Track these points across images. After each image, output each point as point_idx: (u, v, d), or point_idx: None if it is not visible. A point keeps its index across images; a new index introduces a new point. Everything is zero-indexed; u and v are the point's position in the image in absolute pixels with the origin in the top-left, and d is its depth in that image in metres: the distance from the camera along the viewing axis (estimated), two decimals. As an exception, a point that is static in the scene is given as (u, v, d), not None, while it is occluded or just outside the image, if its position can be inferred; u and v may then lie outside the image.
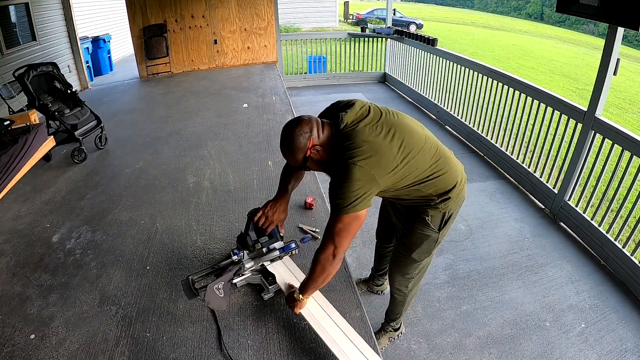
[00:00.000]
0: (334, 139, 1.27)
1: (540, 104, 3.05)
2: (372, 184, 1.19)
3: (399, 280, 1.66)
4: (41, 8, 4.90)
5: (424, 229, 1.44)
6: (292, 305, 1.42)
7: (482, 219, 2.85)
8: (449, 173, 1.36)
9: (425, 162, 1.30)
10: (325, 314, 1.44)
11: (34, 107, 2.99)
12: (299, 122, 1.26)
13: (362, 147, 1.19)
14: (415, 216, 1.45)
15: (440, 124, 4.68)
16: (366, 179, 1.18)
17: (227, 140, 3.30)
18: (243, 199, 2.39)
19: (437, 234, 1.45)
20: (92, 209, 2.38)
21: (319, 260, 1.27)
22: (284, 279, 1.57)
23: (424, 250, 1.50)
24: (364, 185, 1.18)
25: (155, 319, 1.56)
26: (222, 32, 5.75)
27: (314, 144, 1.25)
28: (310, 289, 1.36)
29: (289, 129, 1.27)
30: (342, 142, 1.23)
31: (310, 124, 1.26)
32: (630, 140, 2.26)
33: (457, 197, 1.40)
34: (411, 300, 1.77)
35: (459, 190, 1.40)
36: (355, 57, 6.38)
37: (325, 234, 1.26)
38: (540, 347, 1.90)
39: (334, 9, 15.88)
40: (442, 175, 1.34)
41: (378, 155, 1.19)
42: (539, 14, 27.35)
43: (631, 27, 2.08)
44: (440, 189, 1.36)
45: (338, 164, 1.21)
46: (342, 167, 1.19)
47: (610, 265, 2.40)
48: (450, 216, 1.43)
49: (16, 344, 1.47)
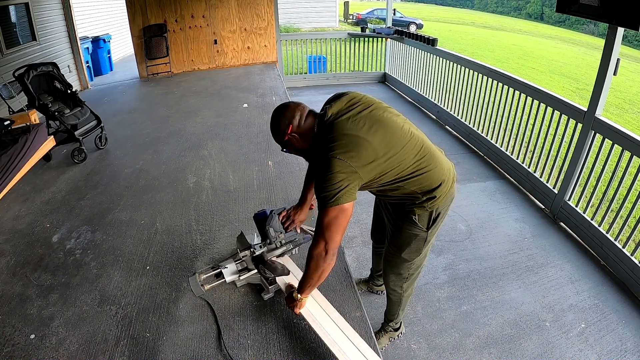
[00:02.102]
0: (318, 130, 1.32)
1: (540, 104, 3.05)
2: (354, 176, 1.22)
3: (393, 281, 1.66)
4: (41, 8, 4.90)
5: (412, 228, 1.44)
6: (292, 305, 1.42)
7: (482, 219, 2.85)
8: (434, 171, 1.36)
9: (409, 159, 1.31)
10: (325, 314, 1.44)
11: (34, 107, 2.99)
12: (283, 107, 1.36)
13: (342, 140, 1.23)
14: (402, 215, 1.45)
15: (440, 124, 4.68)
16: (347, 171, 1.21)
17: (227, 140, 3.30)
18: (243, 199, 2.39)
19: (425, 233, 1.45)
20: (92, 209, 2.38)
21: (312, 257, 1.28)
22: (284, 279, 1.57)
23: (413, 249, 1.50)
24: (346, 177, 1.21)
25: (155, 319, 1.56)
26: (222, 32, 5.75)
27: (292, 131, 1.33)
28: (308, 288, 1.36)
29: (275, 112, 1.38)
30: (324, 135, 1.28)
31: (293, 112, 1.34)
32: (630, 140, 2.26)
33: (444, 196, 1.39)
34: (407, 300, 1.76)
35: (446, 189, 1.39)
36: (355, 57, 6.38)
37: (315, 230, 1.29)
38: (540, 347, 1.90)
39: (334, 9, 15.88)
40: (426, 173, 1.34)
41: (358, 148, 1.22)
42: (539, 14, 27.34)
43: (631, 27, 2.08)
44: (424, 186, 1.36)
45: (320, 156, 1.26)
46: (323, 160, 1.23)
47: (610, 265, 2.40)
48: (439, 215, 1.42)
49: (16, 344, 1.47)
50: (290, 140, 1.36)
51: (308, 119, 1.35)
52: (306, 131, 1.34)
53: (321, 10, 15.63)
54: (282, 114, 1.35)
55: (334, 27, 15.81)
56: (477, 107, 3.92)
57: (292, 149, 1.40)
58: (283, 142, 1.38)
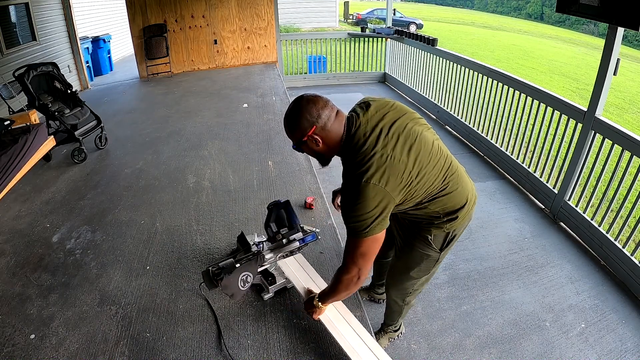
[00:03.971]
0: (346, 140, 1.17)
1: (540, 104, 3.05)
2: (387, 200, 1.11)
3: (395, 294, 1.62)
4: (41, 8, 4.90)
5: (425, 248, 1.37)
6: (311, 311, 1.38)
7: (482, 219, 2.85)
8: (459, 192, 1.27)
9: (438, 179, 1.21)
10: (342, 319, 1.41)
11: (34, 107, 2.99)
12: (309, 100, 1.15)
13: (376, 161, 1.09)
14: (417, 234, 1.37)
15: (440, 124, 4.68)
16: (381, 196, 1.09)
17: (227, 140, 3.30)
18: (243, 199, 2.39)
19: (438, 254, 1.39)
20: (92, 209, 2.38)
21: (341, 281, 1.22)
22: (303, 283, 1.54)
23: (422, 269, 1.44)
24: (379, 204, 1.10)
25: (155, 319, 1.56)
26: (222, 32, 5.75)
27: (315, 132, 1.15)
28: (331, 301, 1.34)
29: (298, 104, 1.16)
30: (354, 150, 1.13)
31: (321, 109, 1.14)
32: (630, 140, 2.26)
33: (463, 218, 1.32)
34: (408, 310, 1.74)
35: (467, 210, 1.31)
36: (355, 57, 6.38)
37: (346, 256, 1.20)
38: (540, 347, 1.90)
39: (334, 9, 15.87)
40: (451, 193, 1.26)
41: (394, 170, 1.10)
42: (539, 14, 27.34)
43: (631, 27, 2.08)
44: (448, 207, 1.27)
45: (350, 176, 1.12)
46: (354, 184, 1.10)
47: (610, 265, 2.40)
48: (454, 236, 1.36)
49: (16, 344, 1.47)
50: (308, 142, 1.17)
51: (336, 123, 1.16)
52: (331, 137, 1.16)
53: (321, 10, 15.62)
54: (306, 109, 1.14)
55: (334, 27, 15.81)
56: (477, 107, 3.92)
57: (308, 149, 1.22)
58: (299, 141, 1.18)
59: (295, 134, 1.18)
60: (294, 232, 1.66)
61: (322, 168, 1.32)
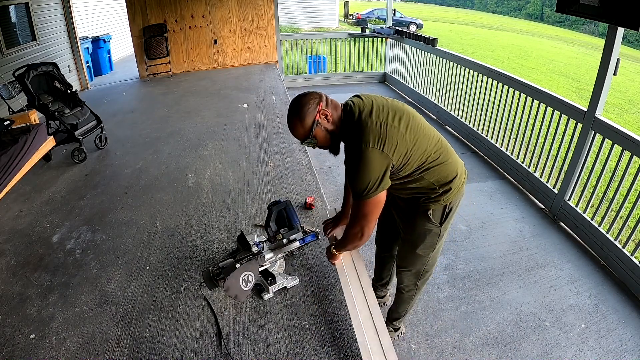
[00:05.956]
0: (344, 119, 1.34)
1: (540, 104, 3.05)
2: (387, 162, 1.25)
3: (408, 277, 1.67)
4: (41, 8, 4.90)
5: (426, 223, 1.46)
6: (329, 256, 1.63)
7: (482, 219, 2.85)
8: (450, 163, 1.41)
9: (430, 147, 1.35)
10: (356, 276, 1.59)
11: (34, 107, 2.99)
12: (306, 93, 1.36)
13: (372, 128, 1.25)
14: (416, 211, 1.47)
15: (440, 124, 4.68)
16: (380, 159, 1.24)
17: (227, 140, 3.30)
18: (243, 199, 2.39)
19: (438, 228, 1.47)
20: (92, 209, 2.38)
21: (348, 236, 1.44)
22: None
23: (427, 245, 1.52)
24: (380, 166, 1.25)
25: (155, 319, 1.56)
26: (222, 32, 5.76)
27: (322, 108, 1.31)
28: (342, 250, 1.59)
29: (297, 98, 1.35)
30: (352, 124, 1.29)
31: (318, 94, 1.35)
32: (630, 140, 2.26)
33: (457, 190, 1.43)
34: (417, 299, 1.78)
35: (460, 182, 1.43)
36: (355, 57, 6.38)
37: (352, 215, 1.39)
38: (540, 347, 1.90)
39: (334, 9, 15.87)
40: (444, 164, 1.39)
41: (389, 135, 1.25)
42: (539, 14, 27.35)
43: (631, 27, 2.08)
44: (442, 177, 1.39)
45: (351, 146, 1.28)
46: (356, 151, 1.26)
47: (610, 265, 2.40)
48: (451, 209, 1.46)
49: (16, 344, 1.47)
50: (320, 121, 1.31)
51: (334, 102, 1.36)
52: (335, 114, 1.34)
53: (321, 10, 15.62)
54: (306, 97, 1.33)
55: (334, 27, 15.81)
56: (477, 107, 3.92)
57: (320, 131, 1.33)
58: (312, 122, 1.31)
59: (306, 119, 1.31)
60: (294, 232, 1.67)
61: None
